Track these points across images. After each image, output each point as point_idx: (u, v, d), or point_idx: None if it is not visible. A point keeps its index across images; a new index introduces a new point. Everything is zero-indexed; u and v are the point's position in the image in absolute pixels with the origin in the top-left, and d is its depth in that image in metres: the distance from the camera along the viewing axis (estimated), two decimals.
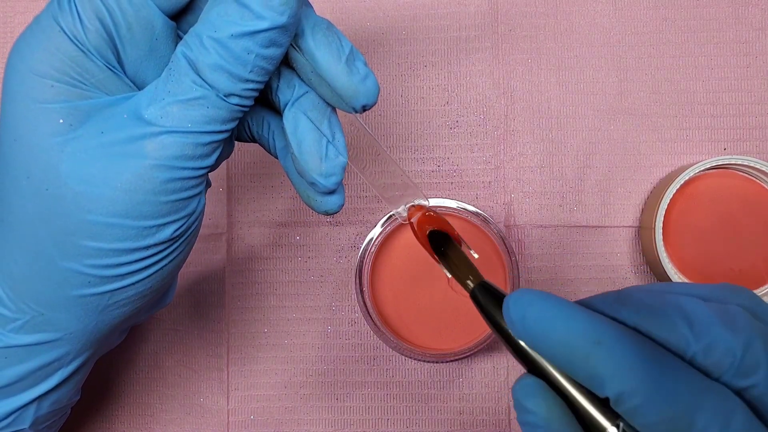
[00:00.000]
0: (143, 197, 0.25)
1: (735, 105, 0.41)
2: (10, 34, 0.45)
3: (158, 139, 0.24)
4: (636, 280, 0.41)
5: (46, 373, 0.28)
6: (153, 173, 0.24)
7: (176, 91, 0.24)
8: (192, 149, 0.25)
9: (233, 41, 0.24)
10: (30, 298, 0.26)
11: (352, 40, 0.43)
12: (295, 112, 0.27)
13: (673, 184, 0.37)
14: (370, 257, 0.39)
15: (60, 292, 0.26)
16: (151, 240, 0.26)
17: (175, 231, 0.26)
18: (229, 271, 0.43)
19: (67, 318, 0.27)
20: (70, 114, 0.25)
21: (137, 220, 0.25)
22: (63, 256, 0.25)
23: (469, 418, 0.41)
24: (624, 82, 0.42)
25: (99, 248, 0.25)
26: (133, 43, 0.25)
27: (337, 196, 0.29)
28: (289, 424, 0.42)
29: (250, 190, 0.43)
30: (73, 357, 0.28)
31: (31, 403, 0.29)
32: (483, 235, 0.39)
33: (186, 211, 0.26)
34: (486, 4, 0.43)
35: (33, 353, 0.27)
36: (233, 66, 0.24)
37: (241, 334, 0.43)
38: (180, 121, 0.24)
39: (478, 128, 0.42)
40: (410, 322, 0.39)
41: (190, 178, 0.25)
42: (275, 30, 0.24)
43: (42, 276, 0.26)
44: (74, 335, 0.27)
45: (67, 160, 0.24)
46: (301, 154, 0.27)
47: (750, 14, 0.42)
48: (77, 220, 0.25)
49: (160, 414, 0.43)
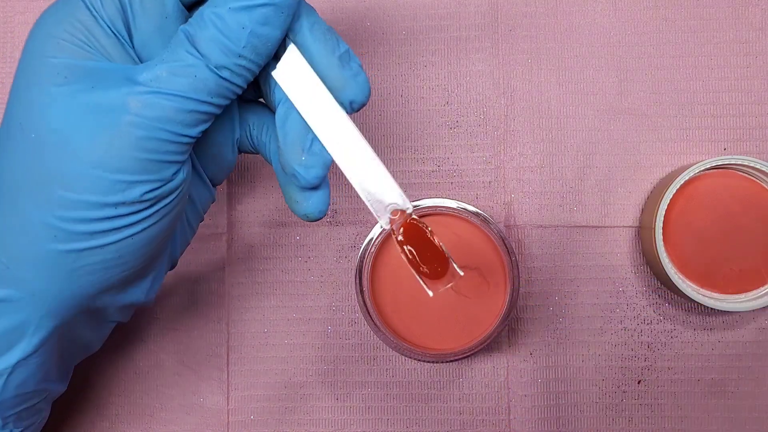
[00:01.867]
0: (117, 150, 0.25)
1: (735, 105, 0.41)
2: (10, 34, 0.45)
3: (142, 98, 0.25)
4: (636, 280, 0.41)
5: (8, 342, 0.28)
6: (131, 129, 0.25)
7: (169, 58, 0.26)
8: (173, 113, 0.25)
9: (230, 14, 0.25)
10: (1, 250, 0.27)
11: (352, 40, 0.43)
12: (287, 107, 0.28)
13: (673, 184, 0.37)
14: (370, 257, 0.39)
15: (27, 245, 0.26)
16: (120, 197, 0.26)
17: (145, 193, 0.26)
18: (229, 271, 0.43)
19: (31, 276, 0.27)
20: (69, 70, 0.26)
21: (109, 172, 0.25)
22: (35, 205, 0.26)
23: (469, 418, 0.41)
24: (624, 82, 0.42)
25: (69, 198, 0.25)
26: (144, 16, 0.27)
27: (319, 199, 0.29)
28: (289, 424, 0.42)
29: (250, 190, 0.43)
30: (35, 326, 0.28)
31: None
32: (483, 235, 0.39)
33: (159, 174, 0.26)
34: (486, 4, 0.43)
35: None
36: (227, 39, 0.25)
37: (241, 334, 0.43)
38: (167, 84, 0.25)
39: (478, 128, 0.42)
40: (410, 322, 0.39)
41: (168, 142, 0.26)
42: (270, 7, 0.25)
43: (13, 227, 0.26)
44: (37, 297, 0.27)
45: (57, 109, 0.25)
46: (285, 144, 0.28)
47: (750, 14, 0.42)
48: (53, 167, 0.25)
49: (160, 414, 0.43)
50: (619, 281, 0.41)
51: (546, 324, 0.41)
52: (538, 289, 0.42)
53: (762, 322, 0.41)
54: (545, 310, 0.42)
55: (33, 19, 0.44)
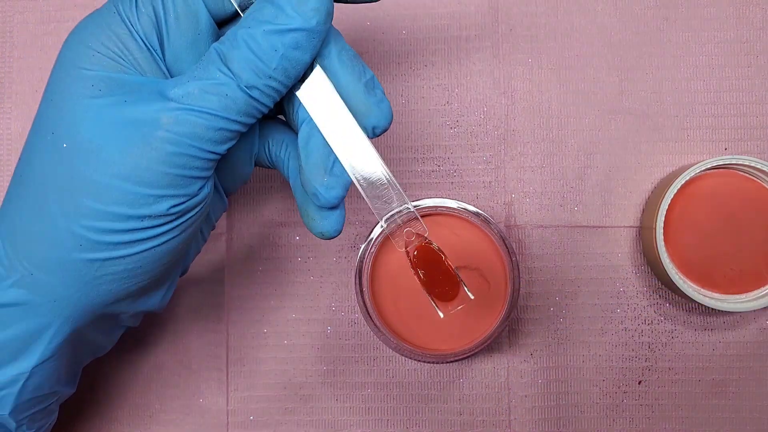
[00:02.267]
0: (147, 164, 0.26)
1: (736, 105, 0.41)
2: (9, 33, 0.45)
3: (174, 114, 0.26)
4: (636, 280, 0.41)
5: (26, 344, 0.28)
6: (162, 144, 0.26)
7: (201, 75, 0.26)
8: (204, 130, 0.26)
9: (263, 37, 0.26)
10: (24, 256, 0.27)
11: (352, 40, 0.43)
12: (311, 128, 0.29)
13: (674, 184, 0.37)
14: (370, 257, 0.38)
15: (52, 252, 0.27)
16: (146, 210, 0.26)
17: (172, 207, 0.27)
18: (229, 271, 0.43)
19: (53, 282, 0.27)
20: (101, 81, 0.26)
21: (137, 186, 0.26)
22: (62, 214, 0.26)
23: (469, 418, 0.41)
24: (624, 82, 0.42)
25: (96, 209, 0.26)
26: (178, 32, 0.27)
27: (336, 219, 0.30)
28: (289, 424, 0.42)
29: (250, 190, 0.43)
30: (54, 332, 0.28)
31: (12, 384, 0.28)
32: (483, 235, 0.39)
33: (186, 189, 0.27)
34: (486, 4, 0.43)
35: (14, 318, 0.27)
36: (259, 60, 0.26)
37: (241, 334, 0.43)
38: (198, 101, 0.26)
39: (478, 128, 0.42)
40: (410, 323, 0.39)
41: (197, 158, 0.26)
42: (303, 32, 0.26)
43: (40, 233, 0.27)
44: (57, 304, 0.27)
45: (89, 120, 0.26)
46: (308, 165, 0.28)
47: (751, 14, 0.42)
48: (82, 178, 0.26)
49: (160, 414, 0.43)
50: (619, 281, 0.41)
51: (546, 324, 0.41)
52: (538, 289, 0.42)
53: (763, 322, 0.41)
54: (546, 310, 0.41)
55: (32, 19, 0.45)
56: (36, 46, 0.44)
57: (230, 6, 0.28)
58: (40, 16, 0.45)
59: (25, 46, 0.45)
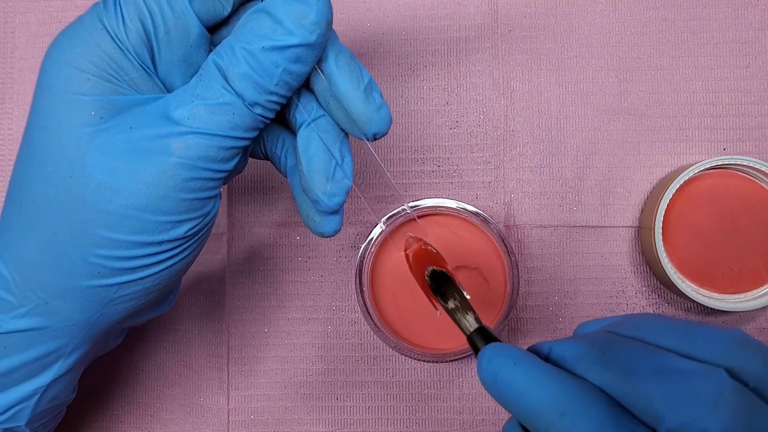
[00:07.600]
0: (164, 192, 0.25)
1: (734, 105, 0.42)
2: (10, 34, 0.45)
3: (184, 139, 0.25)
4: (636, 280, 0.41)
5: (44, 365, 0.28)
6: (176, 170, 0.25)
7: (205, 95, 0.25)
8: (215, 152, 0.26)
9: (263, 54, 0.25)
10: (37, 286, 0.27)
11: (352, 40, 0.43)
12: (309, 132, 0.28)
13: (672, 184, 0.37)
14: (370, 257, 0.39)
15: (68, 282, 0.26)
16: (165, 236, 0.26)
17: (190, 229, 0.27)
18: (229, 271, 0.43)
19: (71, 308, 0.27)
20: (102, 107, 0.25)
21: (155, 215, 0.25)
22: (76, 245, 0.26)
23: (469, 418, 0.41)
24: (624, 82, 0.42)
25: (114, 239, 0.25)
26: (169, 47, 0.26)
27: (336, 220, 0.30)
28: (289, 424, 0.42)
29: (250, 190, 0.44)
30: (71, 350, 0.28)
31: (29, 398, 0.29)
32: (483, 235, 0.39)
33: (202, 211, 0.27)
34: (486, 5, 0.43)
35: (32, 342, 0.28)
36: (261, 77, 0.25)
37: (241, 334, 0.43)
38: (206, 123, 0.25)
39: (478, 128, 0.43)
40: (410, 322, 0.39)
41: (210, 179, 0.26)
42: (303, 47, 0.25)
43: (53, 264, 0.26)
44: (75, 327, 0.28)
45: (95, 150, 0.25)
46: (309, 171, 0.28)
47: (749, 14, 0.42)
48: (96, 210, 0.25)
49: (160, 414, 0.43)
50: (618, 281, 0.41)
51: (546, 324, 0.42)
52: (537, 289, 0.42)
53: (762, 322, 0.41)
54: (545, 310, 0.42)
55: (34, 19, 0.45)
56: (37, 46, 0.45)
57: (222, 11, 0.27)
58: (42, 16, 0.45)
59: (26, 47, 0.45)
